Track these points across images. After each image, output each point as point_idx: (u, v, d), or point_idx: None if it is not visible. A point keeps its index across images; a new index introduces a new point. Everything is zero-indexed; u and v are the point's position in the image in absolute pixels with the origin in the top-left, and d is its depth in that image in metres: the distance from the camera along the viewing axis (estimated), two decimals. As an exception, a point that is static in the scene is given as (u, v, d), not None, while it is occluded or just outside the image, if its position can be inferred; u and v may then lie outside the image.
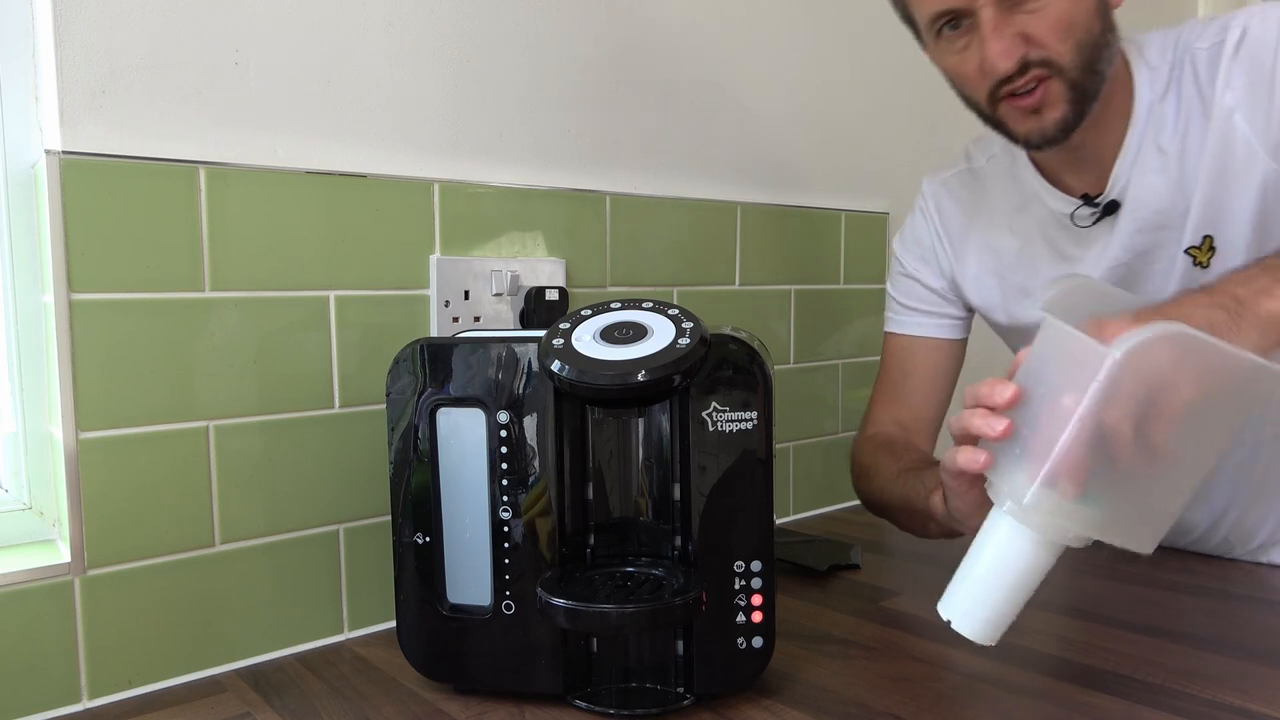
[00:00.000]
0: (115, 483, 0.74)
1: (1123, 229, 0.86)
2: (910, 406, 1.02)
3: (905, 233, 1.06)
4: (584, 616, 0.65)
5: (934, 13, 0.80)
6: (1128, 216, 0.86)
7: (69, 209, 0.71)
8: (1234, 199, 0.82)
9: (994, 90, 0.80)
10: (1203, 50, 0.82)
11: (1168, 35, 0.86)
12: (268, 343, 0.81)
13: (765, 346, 0.71)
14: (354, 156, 0.86)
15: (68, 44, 0.71)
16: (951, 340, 1.03)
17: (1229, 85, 0.80)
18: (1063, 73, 0.78)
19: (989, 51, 0.77)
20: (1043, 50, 0.77)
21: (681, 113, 1.12)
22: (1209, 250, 0.84)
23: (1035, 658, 0.76)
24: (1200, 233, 0.84)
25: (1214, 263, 0.84)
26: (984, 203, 0.99)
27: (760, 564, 0.69)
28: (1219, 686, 0.69)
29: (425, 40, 0.90)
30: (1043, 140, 0.82)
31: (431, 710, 0.71)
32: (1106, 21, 0.80)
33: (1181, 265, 0.85)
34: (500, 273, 0.94)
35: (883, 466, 0.94)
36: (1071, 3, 0.77)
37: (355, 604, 0.87)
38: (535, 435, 0.70)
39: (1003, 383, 0.60)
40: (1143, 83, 0.84)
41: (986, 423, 0.60)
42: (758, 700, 0.70)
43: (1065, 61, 0.78)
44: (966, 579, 0.62)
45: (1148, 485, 0.58)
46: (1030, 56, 0.77)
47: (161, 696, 0.75)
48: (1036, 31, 0.77)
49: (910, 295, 1.04)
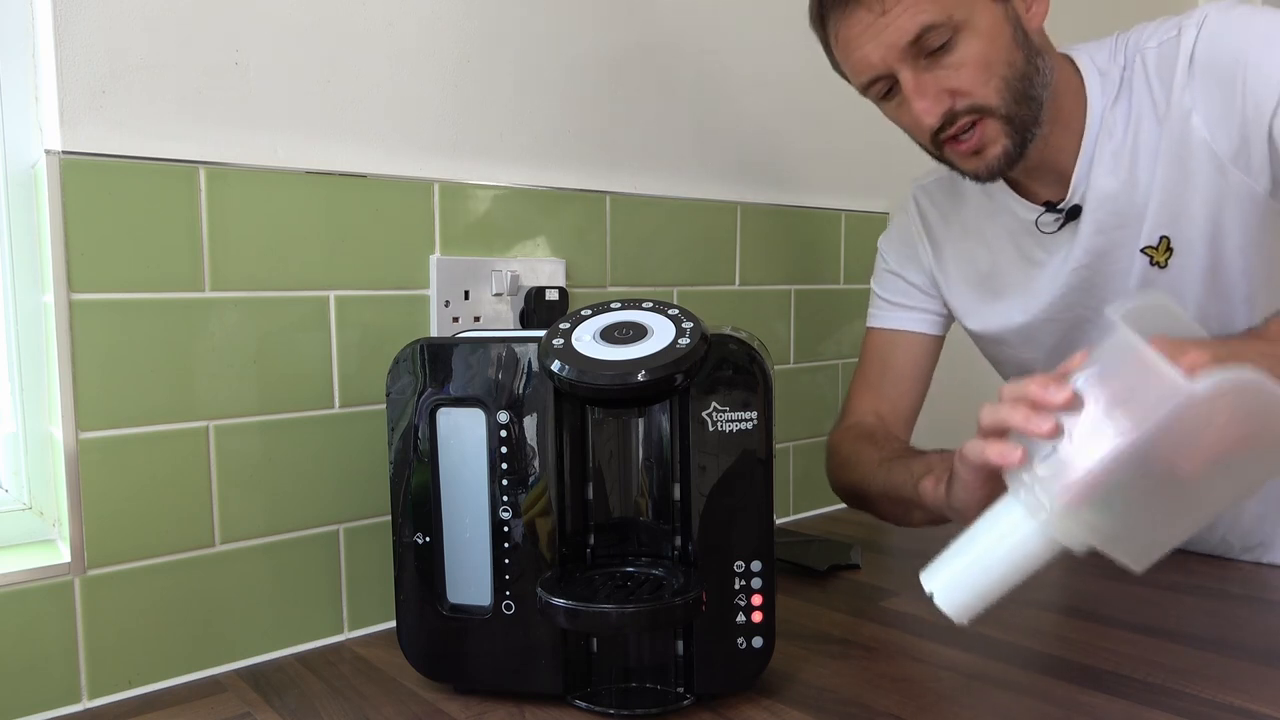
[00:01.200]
0: (115, 483, 0.74)
1: (1084, 232, 0.87)
2: (889, 399, 1.03)
3: (891, 232, 1.09)
4: (584, 616, 0.65)
5: (862, 84, 0.84)
6: (1088, 220, 0.87)
7: (69, 209, 0.71)
8: (1190, 201, 0.82)
9: (934, 138, 0.83)
10: (1152, 49, 0.82)
11: (1119, 39, 0.86)
12: (268, 343, 0.81)
13: (765, 346, 0.71)
14: (354, 156, 0.86)
15: (68, 44, 0.71)
16: (930, 336, 1.04)
17: (1186, 86, 0.79)
18: (993, 112, 0.80)
19: (914, 111, 0.80)
20: (968, 98, 0.79)
21: (681, 113, 1.12)
22: (1166, 251, 0.85)
23: (1035, 658, 0.76)
24: (1156, 233, 0.84)
25: (1171, 263, 0.85)
26: (960, 210, 1.01)
27: (760, 564, 0.69)
28: (1219, 686, 0.69)
29: (425, 40, 0.90)
30: (990, 175, 0.84)
31: (431, 710, 0.71)
32: (1029, 48, 0.80)
33: (1139, 265, 0.86)
34: (500, 273, 0.94)
35: (865, 455, 0.94)
36: (985, 44, 0.78)
37: (355, 604, 0.87)
38: (535, 435, 0.70)
39: (1059, 383, 0.59)
40: (1094, 90, 0.85)
41: (1033, 421, 0.59)
42: (758, 700, 0.70)
43: (994, 102, 0.79)
44: (959, 557, 0.62)
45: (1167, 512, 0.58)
46: (956, 107, 0.80)
47: (161, 696, 0.75)
48: (958, 84, 0.79)
49: (893, 291, 1.05)
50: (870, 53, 0.80)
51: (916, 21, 0.77)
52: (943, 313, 1.04)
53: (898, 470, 0.86)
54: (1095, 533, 0.57)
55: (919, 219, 1.04)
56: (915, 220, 1.05)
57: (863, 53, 0.80)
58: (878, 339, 1.06)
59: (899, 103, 0.83)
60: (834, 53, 0.85)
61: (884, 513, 0.93)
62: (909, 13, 0.77)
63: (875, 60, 0.80)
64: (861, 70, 0.82)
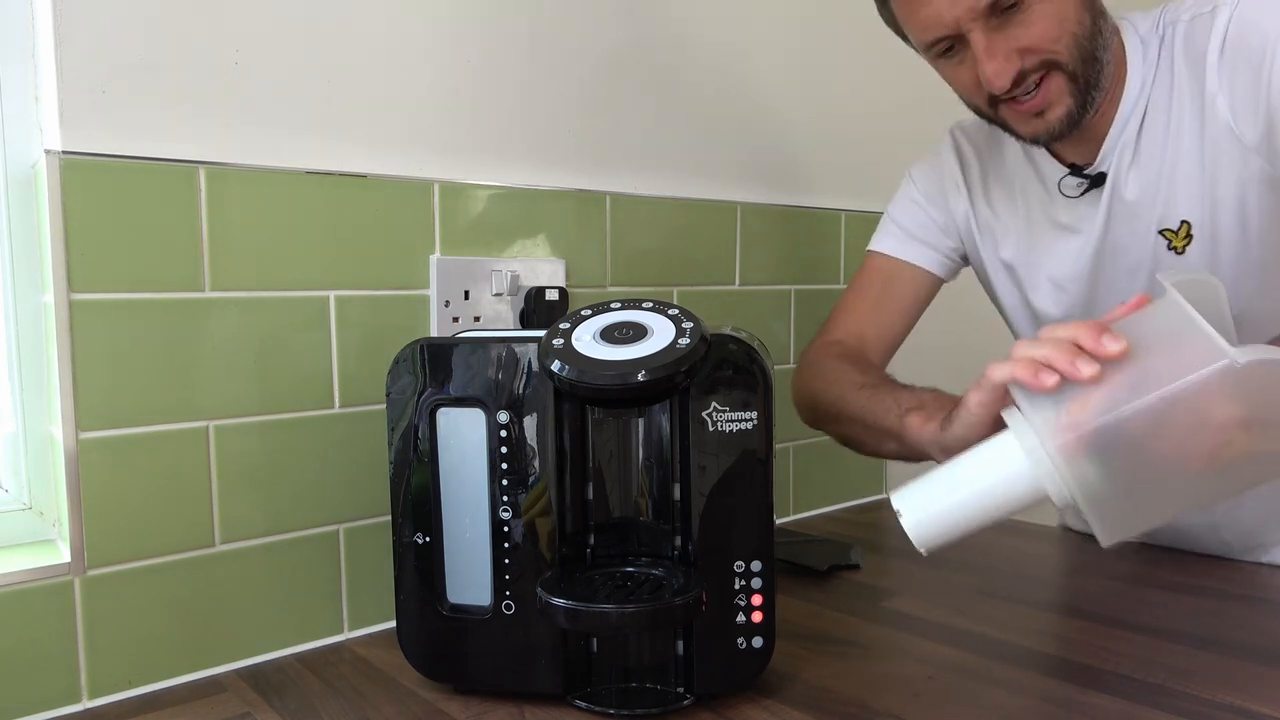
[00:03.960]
0: (115, 483, 0.74)
1: (1104, 204, 0.87)
2: (878, 326, 1.01)
3: (925, 163, 1.05)
4: (584, 616, 0.65)
5: (926, 41, 0.81)
6: (1111, 191, 0.86)
7: (69, 209, 0.71)
8: (1213, 187, 0.81)
9: (993, 100, 0.81)
10: (1182, 23, 0.81)
11: (1162, 11, 0.85)
12: (268, 343, 0.81)
13: (765, 346, 0.71)
14: (354, 156, 0.86)
15: (68, 44, 0.71)
16: (936, 277, 1.03)
17: (1217, 68, 0.79)
18: (1063, 67, 0.79)
19: (984, 73, 0.78)
20: (1039, 55, 0.78)
21: (681, 113, 1.12)
22: (1186, 237, 0.84)
23: (1035, 657, 0.76)
24: (1178, 217, 0.84)
25: (1190, 250, 0.84)
26: (1000, 158, 0.98)
27: (760, 564, 0.69)
28: (1218, 686, 0.69)
29: (425, 40, 0.90)
30: (1050, 137, 0.83)
31: (431, 710, 0.71)
32: (1095, 9, 0.80)
33: (1156, 247, 0.85)
34: (500, 273, 0.94)
35: (846, 375, 0.92)
36: (1057, 4, 0.77)
37: (355, 604, 0.87)
38: (535, 435, 0.70)
39: (1113, 335, 0.58)
40: (1135, 59, 0.84)
41: (1076, 363, 0.58)
42: (758, 700, 0.70)
43: (1064, 57, 0.78)
44: (939, 483, 0.61)
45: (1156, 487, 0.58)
46: (1026, 65, 0.78)
47: (161, 696, 0.75)
48: (1030, 41, 0.77)
49: (914, 222, 1.03)
50: (944, 10, 0.77)
51: None
52: (954, 258, 1.02)
53: (883, 397, 0.84)
54: (1084, 486, 0.57)
55: (956, 163, 1.01)
56: (953, 163, 1.01)
57: (934, 9, 0.78)
58: (883, 264, 1.03)
59: (960, 61, 0.81)
60: (895, 5, 0.82)
61: (853, 436, 0.91)
62: None
63: (948, 18, 0.77)
64: (930, 27, 0.79)
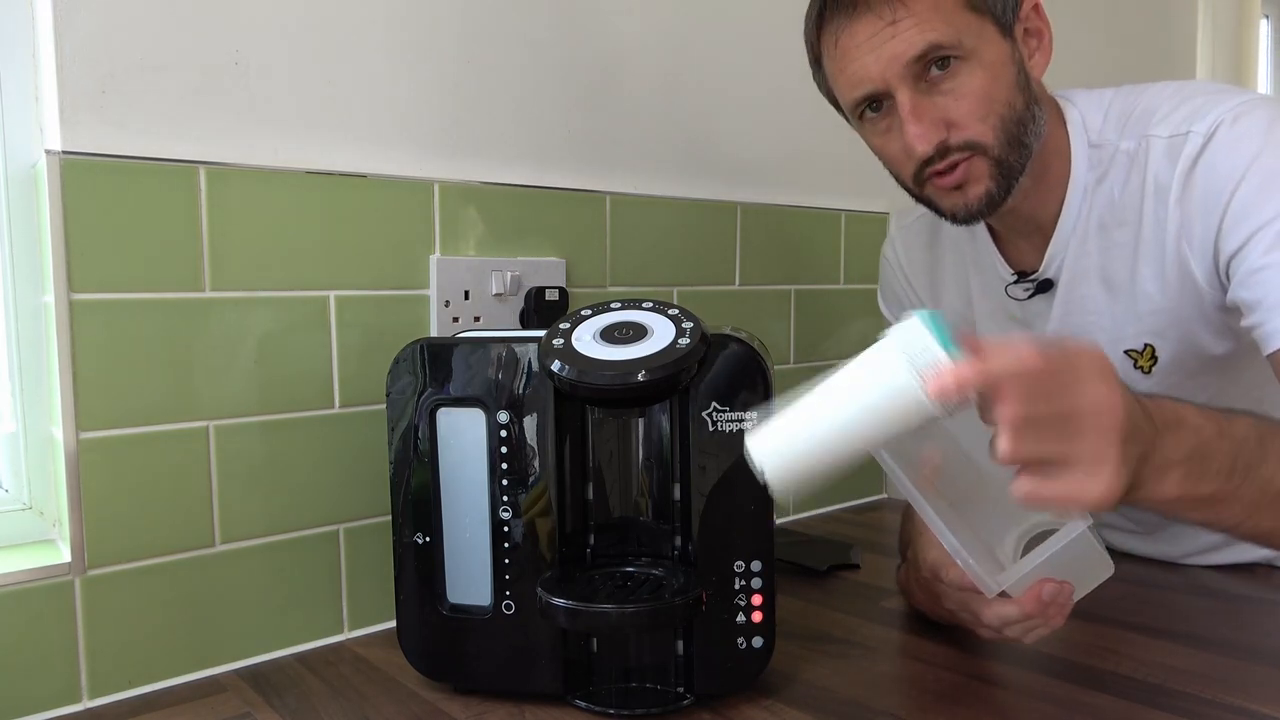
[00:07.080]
0: (115, 483, 0.74)
1: (1056, 312, 0.86)
2: None
3: (881, 282, 1.08)
4: (584, 616, 0.65)
5: (854, 99, 0.79)
6: (1060, 299, 0.85)
7: (69, 209, 0.71)
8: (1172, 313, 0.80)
9: (918, 171, 0.79)
10: (1161, 140, 0.78)
11: (1116, 107, 0.82)
12: (268, 343, 0.81)
13: (765, 346, 0.71)
14: (354, 156, 0.86)
15: (68, 44, 0.71)
16: None
17: (1180, 199, 0.76)
18: (986, 150, 0.76)
19: (907, 136, 0.76)
20: (963, 133, 0.76)
21: (681, 113, 1.12)
22: (1151, 359, 0.83)
23: (1035, 658, 0.76)
24: (1141, 339, 0.83)
25: (1155, 370, 0.83)
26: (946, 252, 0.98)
27: (760, 564, 0.69)
28: (1219, 686, 0.69)
29: (425, 40, 0.90)
30: (968, 216, 0.80)
31: (431, 710, 0.71)
32: (1029, 94, 0.78)
33: (1122, 366, 0.84)
34: (500, 273, 0.94)
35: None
36: (989, 79, 0.75)
37: (355, 604, 0.87)
38: (535, 435, 0.70)
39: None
40: (1080, 159, 0.82)
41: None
42: (758, 700, 0.70)
43: (988, 140, 0.76)
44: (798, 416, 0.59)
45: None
46: (951, 140, 0.76)
47: (161, 696, 0.75)
48: (956, 115, 0.75)
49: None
50: (871, 64, 0.75)
51: (925, 38, 0.73)
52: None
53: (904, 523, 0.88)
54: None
55: (904, 266, 1.03)
56: (901, 269, 1.03)
57: (862, 63, 0.76)
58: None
59: (887, 128, 0.79)
60: (827, 64, 0.80)
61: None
62: (919, 28, 0.73)
63: (875, 73, 0.75)
64: (858, 83, 0.77)
